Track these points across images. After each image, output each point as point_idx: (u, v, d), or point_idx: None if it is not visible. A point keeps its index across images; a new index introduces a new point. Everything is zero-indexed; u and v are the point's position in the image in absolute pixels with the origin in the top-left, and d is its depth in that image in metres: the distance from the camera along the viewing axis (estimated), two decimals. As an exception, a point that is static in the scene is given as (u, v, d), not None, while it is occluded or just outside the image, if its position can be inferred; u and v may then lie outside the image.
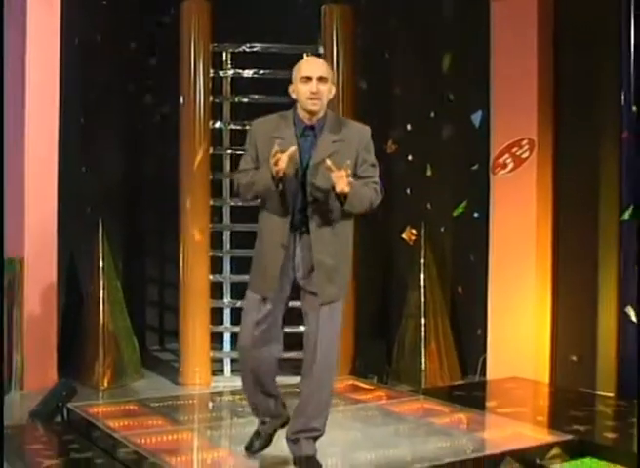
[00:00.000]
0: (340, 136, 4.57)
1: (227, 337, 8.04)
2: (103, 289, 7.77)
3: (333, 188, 4.40)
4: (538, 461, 5.10)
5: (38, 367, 7.40)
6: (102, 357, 7.60)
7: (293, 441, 4.73)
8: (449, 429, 5.59)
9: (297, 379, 4.88)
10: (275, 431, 4.96)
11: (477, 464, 4.93)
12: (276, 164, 4.35)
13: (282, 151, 4.35)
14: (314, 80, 4.50)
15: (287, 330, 4.92)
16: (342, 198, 4.42)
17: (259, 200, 4.74)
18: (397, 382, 7.63)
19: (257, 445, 4.96)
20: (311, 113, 4.55)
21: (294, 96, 4.62)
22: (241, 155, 8.54)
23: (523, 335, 7.21)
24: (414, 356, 7.64)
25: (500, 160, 7.40)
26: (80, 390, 6.67)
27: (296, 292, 4.76)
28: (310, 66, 4.59)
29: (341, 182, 4.33)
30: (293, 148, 4.40)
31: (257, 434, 4.99)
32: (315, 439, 4.72)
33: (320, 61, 4.76)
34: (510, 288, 7.31)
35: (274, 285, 4.61)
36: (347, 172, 4.34)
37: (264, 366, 4.78)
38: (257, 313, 4.69)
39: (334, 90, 4.66)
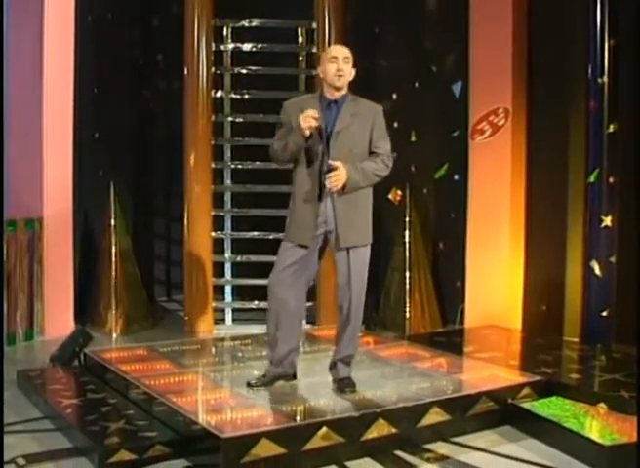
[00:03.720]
0: (358, 110, 4.92)
1: (228, 289, 8.11)
2: (115, 245, 7.81)
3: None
4: (510, 400, 5.15)
5: (57, 316, 7.45)
6: (115, 307, 7.66)
7: (338, 363, 5.06)
8: (430, 372, 5.61)
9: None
10: (279, 378, 5.09)
11: (455, 403, 4.98)
12: (306, 121, 4.69)
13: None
14: (340, 60, 4.85)
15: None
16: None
17: (291, 165, 5.00)
18: (384, 329, 7.67)
19: (259, 382, 5.06)
20: (336, 89, 4.87)
21: (322, 76, 4.92)
22: (240, 122, 8.52)
23: (498, 287, 7.24)
24: (399, 305, 7.68)
25: (479, 127, 7.38)
26: (95, 337, 6.72)
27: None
28: (337, 49, 4.98)
29: (332, 183, 4.72)
30: (314, 110, 4.72)
31: (264, 375, 5.10)
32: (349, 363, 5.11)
33: (345, 47, 5.02)
34: (487, 244, 7.33)
35: (310, 234, 4.87)
36: (338, 172, 4.71)
37: (288, 307, 4.97)
38: (288, 258, 4.93)
39: (354, 72, 4.95)
